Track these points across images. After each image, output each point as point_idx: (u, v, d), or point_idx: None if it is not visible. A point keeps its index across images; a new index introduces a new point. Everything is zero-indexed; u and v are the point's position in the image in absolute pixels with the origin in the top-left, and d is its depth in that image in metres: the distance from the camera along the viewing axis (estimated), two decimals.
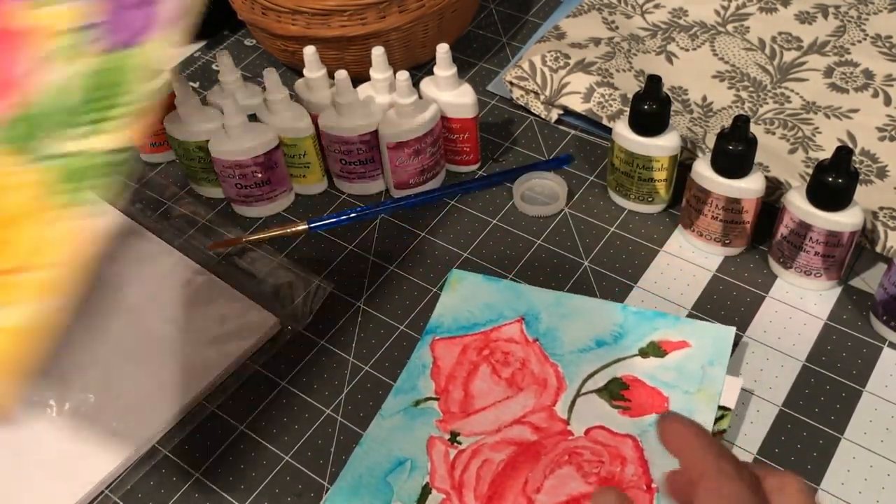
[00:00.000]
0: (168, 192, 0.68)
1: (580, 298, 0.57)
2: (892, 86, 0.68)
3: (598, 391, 0.52)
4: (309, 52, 0.63)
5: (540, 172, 0.65)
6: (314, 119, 0.63)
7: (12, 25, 0.43)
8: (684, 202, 0.60)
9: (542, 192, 0.65)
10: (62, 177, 0.39)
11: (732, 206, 0.56)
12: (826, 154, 0.61)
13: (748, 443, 0.50)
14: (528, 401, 0.52)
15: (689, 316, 0.56)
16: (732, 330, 0.54)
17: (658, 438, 0.33)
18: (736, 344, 0.55)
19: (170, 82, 0.63)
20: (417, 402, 0.53)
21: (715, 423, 0.50)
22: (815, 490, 0.32)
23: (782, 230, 0.56)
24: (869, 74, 0.69)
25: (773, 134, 0.65)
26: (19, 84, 0.42)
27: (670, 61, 0.72)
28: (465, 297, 0.58)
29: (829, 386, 0.52)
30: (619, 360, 0.54)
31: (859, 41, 0.72)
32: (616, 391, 0.52)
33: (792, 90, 0.68)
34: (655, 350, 0.54)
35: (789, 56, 0.71)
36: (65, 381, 0.55)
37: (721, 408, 0.50)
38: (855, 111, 0.66)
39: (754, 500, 0.30)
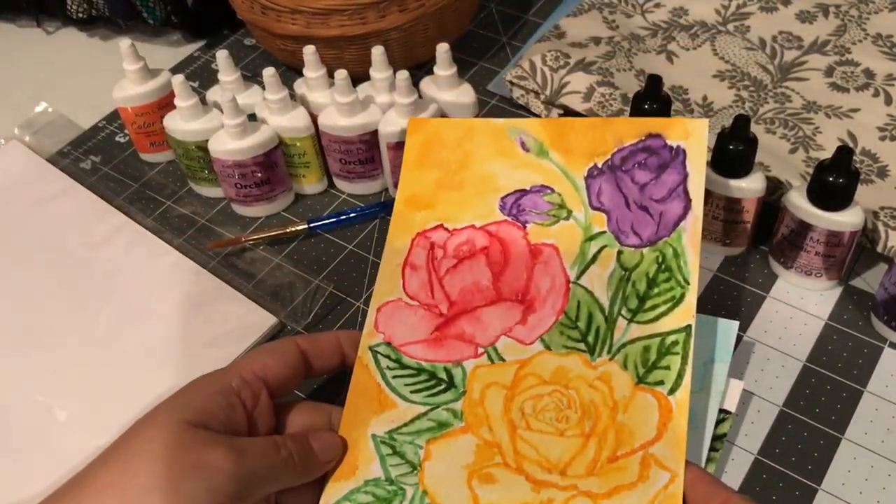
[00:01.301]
0: (167, 191, 0.68)
1: None
2: (892, 85, 0.68)
3: None
4: (308, 51, 0.63)
5: None
6: (314, 119, 0.63)
7: (535, 244, 0.49)
8: None
9: None
10: (639, 362, 0.44)
11: (733, 206, 0.56)
12: (827, 154, 0.61)
13: (749, 443, 0.50)
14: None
15: None
16: (735, 324, 0.53)
17: None
18: (737, 344, 0.54)
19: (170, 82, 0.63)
20: None
21: (716, 426, 0.49)
22: None
23: (783, 230, 0.56)
24: (870, 74, 0.69)
25: (774, 133, 0.65)
26: (556, 292, 0.47)
27: (671, 60, 0.72)
28: None
29: (830, 386, 0.52)
30: None
31: (860, 40, 0.72)
32: None
33: (792, 90, 0.68)
34: None
35: (790, 55, 0.71)
36: (64, 384, 0.55)
37: (722, 411, 0.50)
38: (856, 111, 0.66)
39: None
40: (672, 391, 0.43)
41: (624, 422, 0.43)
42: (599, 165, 0.49)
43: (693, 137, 0.48)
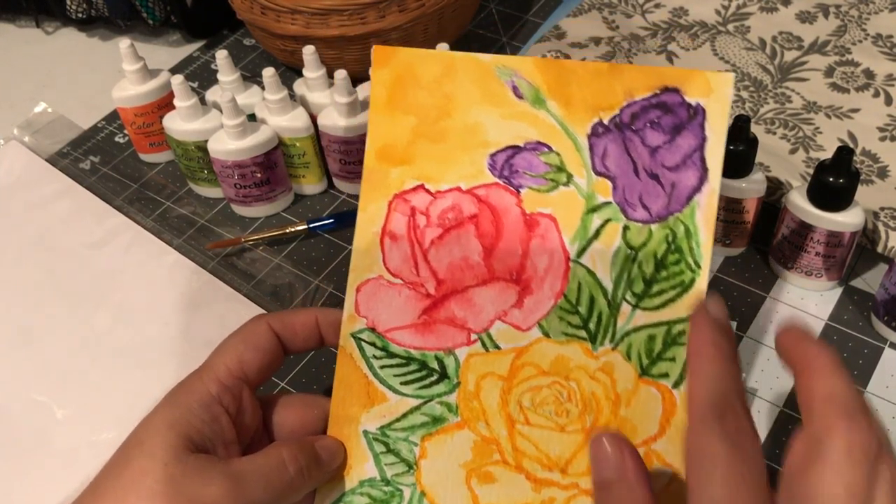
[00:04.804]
0: (166, 191, 0.68)
1: None
2: (892, 85, 0.67)
3: None
4: (308, 51, 0.63)
5: None
6: (313, 119, 0.63)
7: (531, 214, 0.43)
8: None
9: None
10: (643, 353, 0.41)
11: (733, 206, 0.56)
12: (827, 154, 0.61)
13: None
14: None
15: None
16: (733, 325, 0.53)
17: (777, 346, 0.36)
18: (737, 345, 0.54)
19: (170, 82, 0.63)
20: None
21: None
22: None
23: (783, 230, 0.56)
24: (870, 74, 0.69)
25: (774, 134, 0.65)
26: (554, 272, 0.43)
27: (671, 61, 0.72)
28: None
29: None
30: None
31: (860, 41, 0.72)
32: None
33: (793, 90, 0.68)
34: None
35: (790, 56, 0.71)
36: (63, 383, 0.55)
37: None
38: (856, 111, 0.66)
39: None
40: (677, 384, 0.40)
41: (626, 416, 0.40)
42: (605, 122, 0.43)
43: (715, 94, 0.42)
